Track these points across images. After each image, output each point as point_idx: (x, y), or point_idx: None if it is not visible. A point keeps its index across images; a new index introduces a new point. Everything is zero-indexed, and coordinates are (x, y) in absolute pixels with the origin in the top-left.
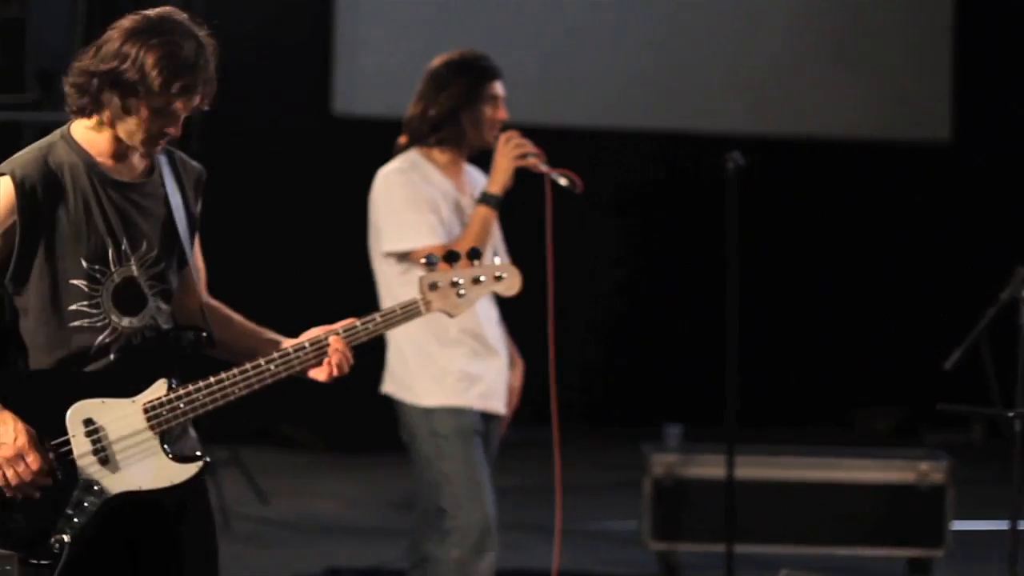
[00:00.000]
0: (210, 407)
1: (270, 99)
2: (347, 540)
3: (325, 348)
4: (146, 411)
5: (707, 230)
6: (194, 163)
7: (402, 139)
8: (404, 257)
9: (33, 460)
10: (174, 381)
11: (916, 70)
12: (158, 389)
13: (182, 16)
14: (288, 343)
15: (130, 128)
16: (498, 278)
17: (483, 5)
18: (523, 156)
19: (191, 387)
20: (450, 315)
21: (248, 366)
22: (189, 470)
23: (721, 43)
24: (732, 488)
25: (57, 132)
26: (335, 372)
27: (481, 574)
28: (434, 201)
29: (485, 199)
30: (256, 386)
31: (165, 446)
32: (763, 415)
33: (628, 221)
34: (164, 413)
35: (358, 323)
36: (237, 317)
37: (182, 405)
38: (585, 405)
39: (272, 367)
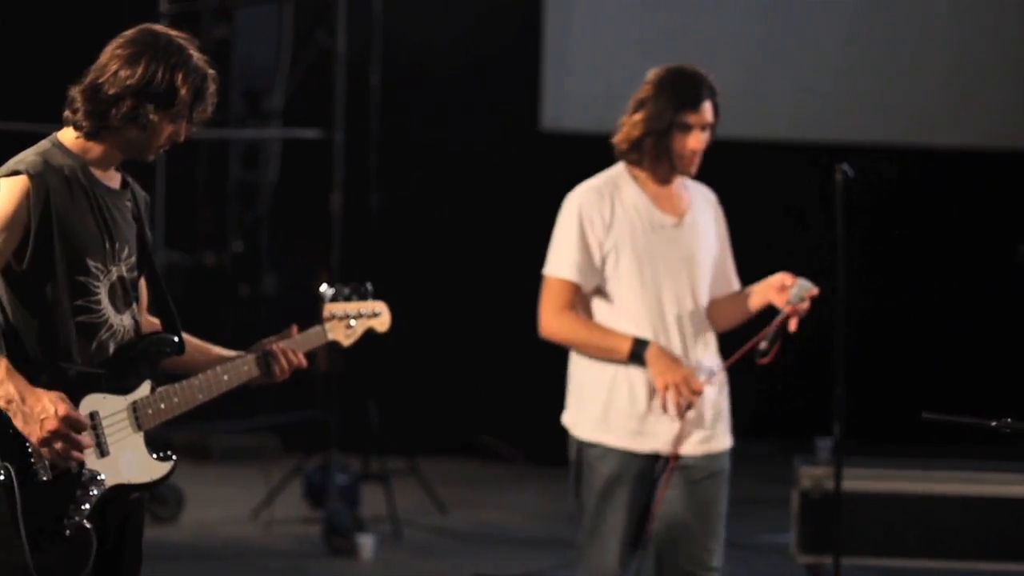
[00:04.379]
0: (181, 409)
1: (478, 115)
2: (513, 550)
3: (268, 356)
4: (134, 409)
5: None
6: (141, 190)
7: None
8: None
9: (76, 422)
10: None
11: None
12: (144, 388)
13: (184, 34)
14: (232, 354)
15: (143, 139)
16: (375, 315)
17: (692, 21)
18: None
19: (168, 389)
20: (342, 345)
21: (209, 372)
22: (165, 467)
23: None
24: (839, 498)
25: (47, 140)
26: (279, 376)
27: None
28: (603, 232)
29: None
30: (215, 393)
31: (147, 443)
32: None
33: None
34: (148, 412)
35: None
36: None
37: (162, 406)
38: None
39: (226, 376)
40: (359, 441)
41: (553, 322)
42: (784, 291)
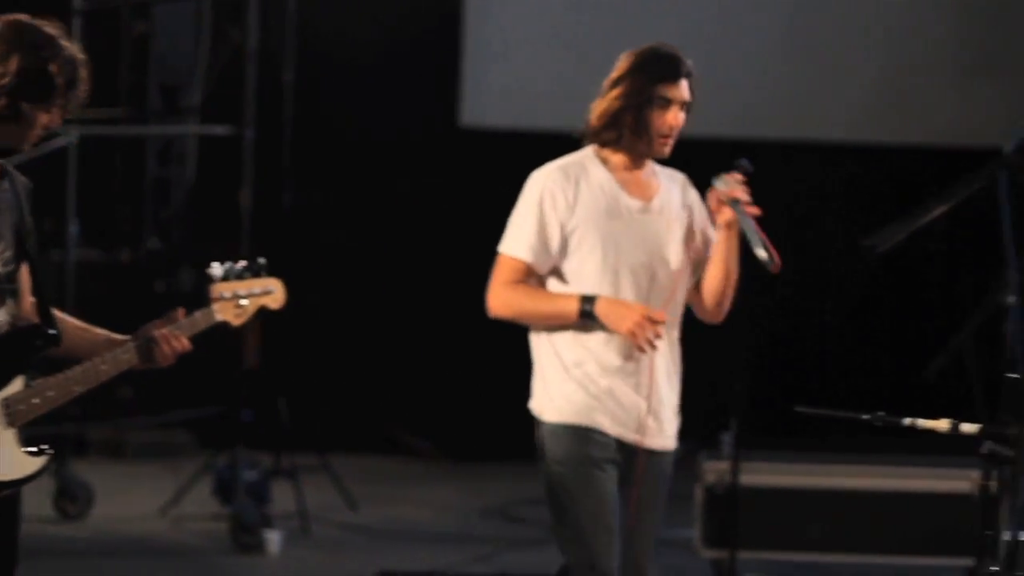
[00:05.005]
0: (58, 403)
1: (396, 111)
2: (422, 546)
3: (149, 342)
4: (6, 405)
5: None
6: (21, 176)
7: (584, 134)
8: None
9: None
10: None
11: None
12: (16, 384)
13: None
14: (117, 339)
15: (19, 132)
16: (268, 292)
17: (615, 17)
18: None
19: (43, 383)
20: (232, 325)
21: (87, 364)
22: (38, 463)
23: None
24: (736, 493)
25: None
26: (161, 362)
27: None
28: (567, 212)
29: None
30: (93, 383)
31: (20, 439)
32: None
33: None
34: (21, 408)
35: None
36: (64, 315)
37: (36, 400)
38: None
39: (104, 366)
40: (271, 437)
41: (498, 298)
42: (720, 206)
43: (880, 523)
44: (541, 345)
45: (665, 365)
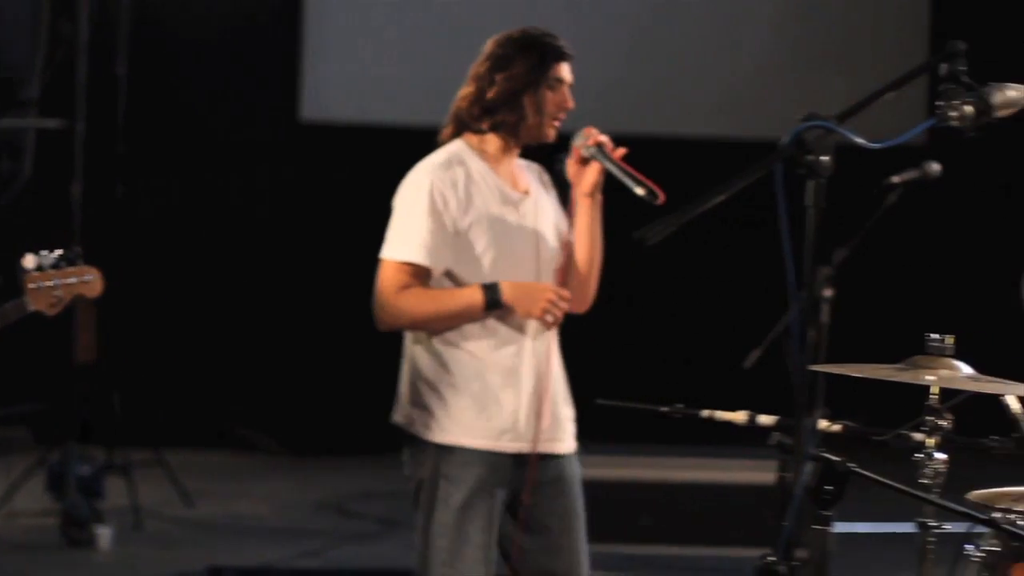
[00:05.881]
0: None
1: (235, 105)
2: (256, 541)
3: None
4: None
5: None
6: None
7: (446, 131)
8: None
9: None
10: None
11: (894, 73)
12: None
13: None
14: None
15: None
16: (84, 281)
17: (457, 10)
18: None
19: None
20: (47, 314)
21: None
22: None
23: (701, 47)
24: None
25: None
26: None
27: None
28: (459, 210)
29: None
30: None
31: None
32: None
33: None
34: None
35: None
36: None
37: None
38: None
39: None
40: (105, 432)
41: (394, 307)
42: (581, 170)
43: (703, 515)
44: (423, 357)
45: (557, 363)
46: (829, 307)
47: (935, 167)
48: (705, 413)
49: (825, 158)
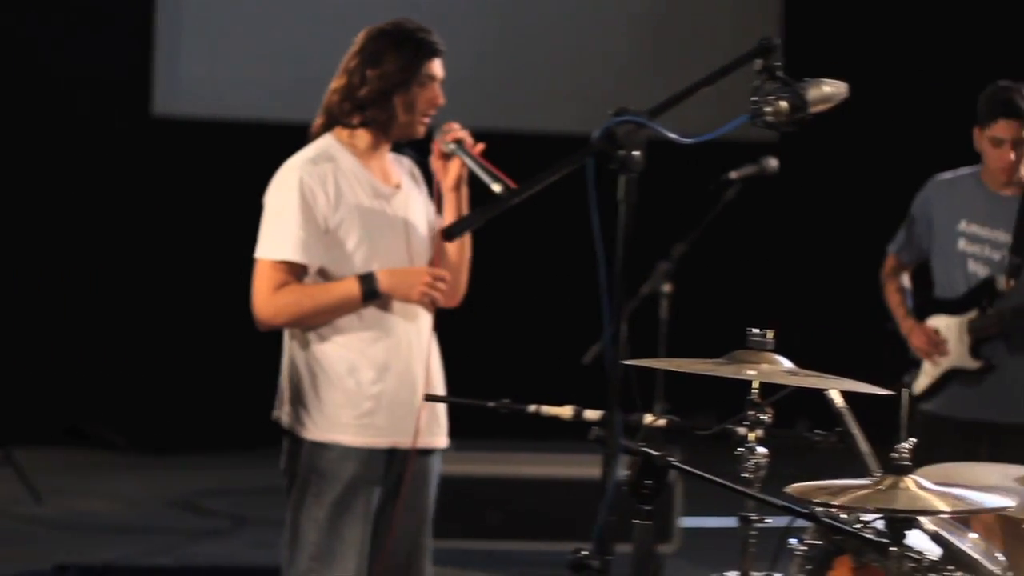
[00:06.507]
0: None
1: (87, 100)
2: (105, 539)
3: None
4: None
5: None
6: None
7: (317, 123)
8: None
9: None
10: None
11: (745, 74)
12: None
13: None
14: None
15: None
16: None
17: (311, 7)
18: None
19: None
20: None
21: None
22: None
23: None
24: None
25: None
26: None
27: None
28: (329, 206)
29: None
30: None
31: None
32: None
33: None
34: None
35: None
36: None
37: None
38: None
39: None
40: None
41: (271, 305)
42: (445, 163)
43: (557, 510)
44: (299, 354)
45: (435, 357)
46: (668, 302)
47: (773, 163)
48: (532, 408)
49: (636, 153)
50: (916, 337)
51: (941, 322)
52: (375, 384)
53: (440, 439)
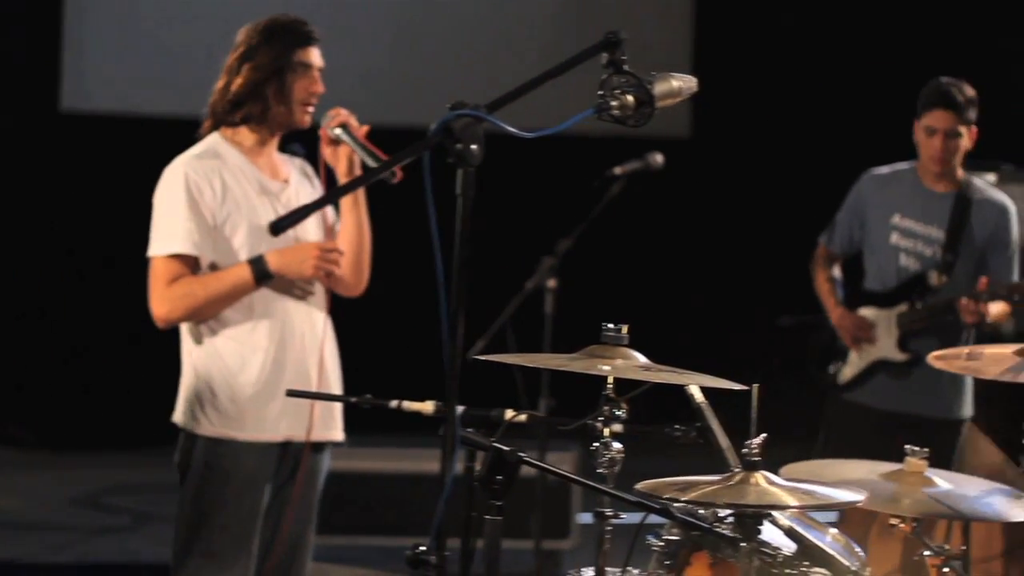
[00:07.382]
0: None
1: None
2: (7, 535)
3: None
4: None
5: None
6: None
7: (205, 125)
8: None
9: None
10: None
11: (656, 69)
12: None
13: None
14: None
15: None
16: None
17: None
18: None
19: None
20: None
21: None
22: None
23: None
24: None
25: None
26: None
27: None
28: (215, 201)
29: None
30: None
31: None
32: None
33: None
34: None
35: None
36: None
37: None
38: None
39: None
40: None
41: (166, 300)
42: (335, 151)
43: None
44: (195, 350)
45: (332, 348)
46: (553, 298)
47: (658, 158)
48: (393, 403)
49: (474, 146)
50: (845, 322)
51: (870, 313)
52: (268, 377)
53: (335, 433)
